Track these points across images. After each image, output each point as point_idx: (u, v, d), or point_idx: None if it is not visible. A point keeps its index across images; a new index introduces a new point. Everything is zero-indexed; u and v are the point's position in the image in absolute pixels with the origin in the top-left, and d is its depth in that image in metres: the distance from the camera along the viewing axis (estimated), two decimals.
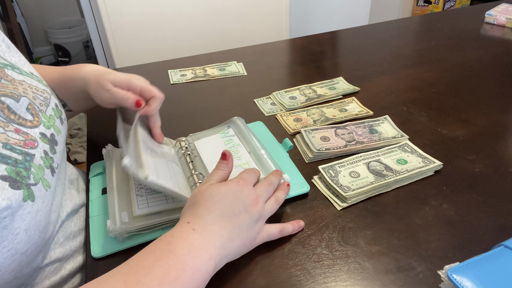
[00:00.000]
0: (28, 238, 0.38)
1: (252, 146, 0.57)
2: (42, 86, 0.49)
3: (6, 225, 0.35)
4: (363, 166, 0.55)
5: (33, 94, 0.46)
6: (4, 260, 0.36)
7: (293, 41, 1.07)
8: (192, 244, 0.37)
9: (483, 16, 1.11)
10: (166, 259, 0.35)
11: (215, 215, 0.40)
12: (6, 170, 0.36)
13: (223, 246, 0.39)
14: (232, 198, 0.41)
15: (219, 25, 1.41)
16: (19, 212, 0.36)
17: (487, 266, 0.36)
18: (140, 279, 0.34)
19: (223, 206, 0.41)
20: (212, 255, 0.38)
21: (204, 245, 0.38)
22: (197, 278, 0.36)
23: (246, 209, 0.41)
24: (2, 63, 0.45)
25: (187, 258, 0.36)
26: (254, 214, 0.42)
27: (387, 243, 0.44)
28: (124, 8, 1.25)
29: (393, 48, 0.98)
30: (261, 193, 0.44)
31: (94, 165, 0.59)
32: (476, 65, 0.86)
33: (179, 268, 0.35)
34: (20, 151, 0.39)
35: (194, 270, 0.36)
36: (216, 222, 0.40)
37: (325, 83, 0.81)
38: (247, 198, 0.42)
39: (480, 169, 0.55)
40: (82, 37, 2.65)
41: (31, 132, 0.42)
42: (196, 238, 0.38)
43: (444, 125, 0.65)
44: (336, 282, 0.41)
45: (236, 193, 0.42)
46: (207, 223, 0.39)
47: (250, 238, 0.42)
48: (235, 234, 0.40)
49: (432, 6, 2.59)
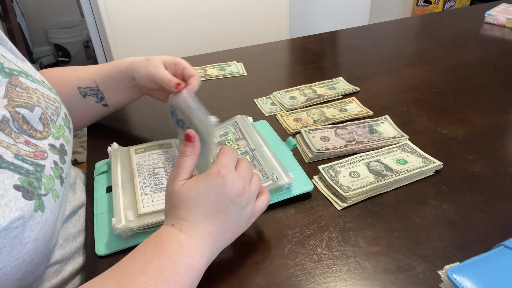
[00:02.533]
0: (35, 248, 0.38)
1: (256, 143, 0.57)
2: (53, 95, 0.49)
3: (16, 235, 0.35)
4: (363, 166, 0.55)
5: (46, 104, 0.46)
6: (11, 269, 0.36)
7: (293, 41, 1.07)
8: (182, 244, 0.37)
9: (483, 16, 1.11)
10: (158, 260, 0.35)
11: (200, 215, 0.38)
12: (19, 180, 0.36)
13: (214, 242, 0.39)
14: (215, 194, 0.38)
15: (219, 25, 1.41)
16: (30, 223, 0.36)
17: (487, 266, 0.36)
18: (134, 279, 0.34)
19: (206, 205, 0.38)
20: (204, 252, 0.37)
21: (194, 244, 0.37)
22: (191, 275, 0.36)
23: (233, 201, 0.39)
24: (16, 71, 0.45)
25: (179, 258, 0.36)
26: (243, 202, 0.39)
27: (387, 243, 0.44)
28: (124, 8, 1.25)
29: (393, 48, 0.98)
30: (245, 175, 0.41)
31: (99, 164, 0.59)
32: (476, 65, 0.86)
33: (172, 268, 0.35)
34: (31, 162, 0.39)
35: (187, 268, 0.36)
36: (203, 221, 0.38)
37: (325, 83, 0.81)
38: (231, 190, 0.39)
39: (480, 169, 0.55)
40: (82, 37, 2.65)
41: (40, 144, 0.42)
42: (185, 238, 0.37)
43: (444, 125, 0.65)
44: (336, 282, 0.41)
45: (218, 188, 0.38)
46: (192, 224, 0.38)
47: (242, 225, 0.41)
48: (224, 228, 0.39)
49: (432, 6, 2.59)
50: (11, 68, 0.45)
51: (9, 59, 0.46)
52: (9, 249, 0.35)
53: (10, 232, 0.35)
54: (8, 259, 0.35)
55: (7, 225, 0.34)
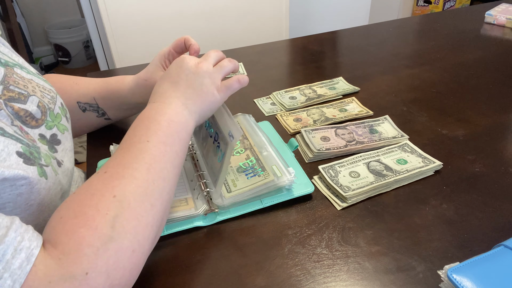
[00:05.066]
0: (39, 213, 0.39)
1: (257, 141, 0.57)
2: (48, 86, 0.50)
3: (21, 193, 0.36)
4: (363, 166, 0.55)
5: (41, 93, 0.47)
6: None
7: (293, 41, 1.07)
8: (157, 108, 0.44)
9: (483, 16, 1.11)
10: (142, 122, 0.43)
11: (166, 86, 0.47)
12: (21, 148, 0.38)
13: (184, 104, 0.45)
14: (175, 68, 0.48)
15: (219, 25, 1.41)
16: (37, 186, 0.38)
17: (487, 266, 0.36)
18: (131, 139, 0.41)
19: (169, 77, 0.47)
20: (178, 111, 0.44)
21: (166, 107, 0.44)
22: (174, 126, 0.43)
23: (191, 71, 0.47)
24: (11, 63, 0.46)
25: (158, 116, 0.43)
26: (201, 73, 0.47)
27: (387, 243, 0.44)
28: (124, 8, 1.25)
29: (393, 48, 0.98)
30: (206, 58, 0.49)
31: (101, 162, 0.60)
32: (476, 65, 0.86)
33: (155, 123, 0.42)
34: (28, 140, 0.40)
35: (168, 122, 0.43)
36: (168, 90, 0.46)
37: (325, 83, 0.81)
38: (189, 62, 0.47)
39: (480, 169, 0.55)
40: (82, 37, 2.65)
41: (30, 133, 0.42)
42: (158, 106, 0.45)
43: (444, 125, 0.65)
44: (336, 282, 0.41)
45: (177, 63, 0.48)
46: (161, 95, 0.46)
47: (208, 93, 0.47)
48: (189, 94, 0.46)
49: (432, 6, 2.59)
50: (6, 60, 0.45)
51: (3, 52, 0.47)
52: (12, 206, 0.36)
53: (15, 188, 0.36)
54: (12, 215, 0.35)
55: (11, 177, 0.35)
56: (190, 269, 0.43)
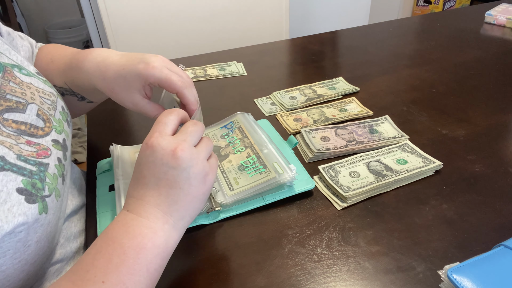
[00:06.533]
0: (38, 249, 0.38)
1: (257, 139, 0.57)
2: (49, 88, 0.48)
3: (20, 239, 0.35)
4: (363, 166, 0.55)
5: (41, 99, 0.45)
6: (14, 271, 0.36)
7: (293, 41, 1.07)
8: (128, 225, 0.35)
9: (483, 16, 1.11)
10: (106, 248, 0.34)
11: (142, 190, 0.37)
12: (22, 182, 0.36)
13: (168, 213, 0.36)
14: (148, 166, 0.36)
15: (219, 25, 1.41)
16: (34, 226, 0.36)
17: (487, 266, 0.36)
18: (85, 275, 0.32)
19: (143, 177, 0.37)
20: (156, 228, 0.35)
21: (143, 222, 0.35)
22: (144, 256, 0.34)
23: (170, 166, 0.36)
24: (10, 64, 0.44)
25: (126, 241, 0.34)
26: (183, 164, 0.36)
27: (387, 243, 0.44)
28: (124, 8, 1.25)
29: (393, 48, 0.98)
30: (184, 137, 0.38)
31: (101, 163, 0.59)
32: (476, 65, 0.86)
33: (120, 253, 0.33)
34: (34, 162, 0.38)
35: (137, 250, 0.34)
36: (146, 195, 0.36)
37: (325, 83, 0.81)
38: (163, 156, 0.36)
39: (480, 169, 0.55)
40: (82, 37, 2.65)
41: (42, 142, 0.41)
42: (131, 218, 0.36)
43: (444, 125, 0.65)
44: (336, 282, 0.41)
45: (148, 158, 0.36)
46: (137, 200, 0.37)
47: (198, 187, 0.38)
48: (175, 196, 0.36)
49: (432, 6, 2.59)
50: (5, 62, 0.44)
51: (2, 52, 0.45)
52: (12, 252, 0.35)
53: (14, 236, 0.34)
54: (11, 261, 0.35)
55: (11, 230, 0.34)
56: (190, 269, 0.43)
